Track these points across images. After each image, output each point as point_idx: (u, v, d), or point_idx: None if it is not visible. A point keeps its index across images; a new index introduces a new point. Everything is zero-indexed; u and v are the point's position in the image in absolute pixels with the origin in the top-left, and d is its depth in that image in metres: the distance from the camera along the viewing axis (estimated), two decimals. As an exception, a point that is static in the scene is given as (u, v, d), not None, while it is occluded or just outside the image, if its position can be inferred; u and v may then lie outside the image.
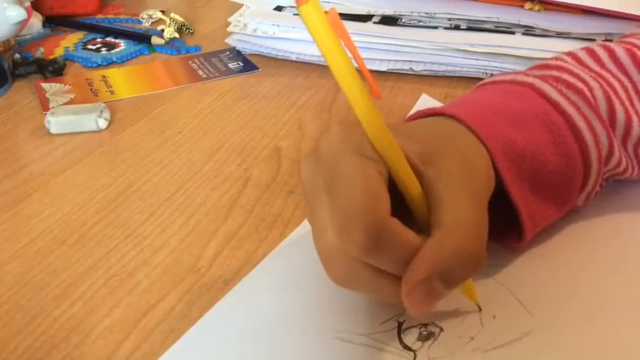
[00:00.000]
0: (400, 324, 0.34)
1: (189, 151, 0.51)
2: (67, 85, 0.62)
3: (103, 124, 0.54)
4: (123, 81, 0.63)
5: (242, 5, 0.68)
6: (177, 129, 0.54)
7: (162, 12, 0.77)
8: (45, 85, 0.62)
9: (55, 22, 0.76)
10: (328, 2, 0.66)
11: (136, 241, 0.41)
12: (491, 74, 0.59)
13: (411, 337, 0.33)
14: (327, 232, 0.29)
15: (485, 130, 0.34)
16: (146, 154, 0.51)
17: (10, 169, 0.49)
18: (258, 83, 0.62)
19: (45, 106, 0.58)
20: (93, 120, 0.54)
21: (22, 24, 0.60)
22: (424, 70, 0.60)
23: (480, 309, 0.34)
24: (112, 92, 0.61)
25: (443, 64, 0.60)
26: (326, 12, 0.26)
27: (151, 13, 0.76)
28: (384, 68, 0.61)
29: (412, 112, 0.50)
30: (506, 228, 0.36)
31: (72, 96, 0.60)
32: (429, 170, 0.31)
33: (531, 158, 0.35)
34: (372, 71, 0.61)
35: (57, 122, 0.53)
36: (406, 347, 0.32)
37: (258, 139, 0.52)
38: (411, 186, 0.30)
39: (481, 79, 0.60)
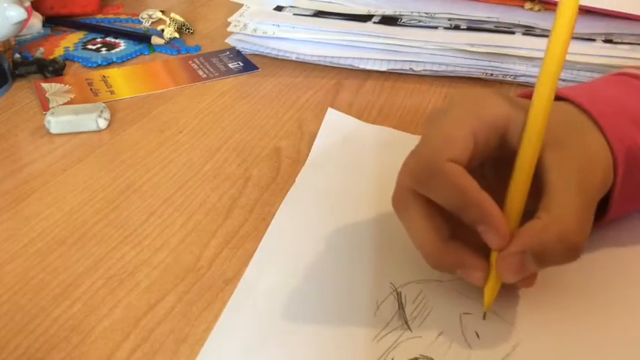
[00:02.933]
0: (399, 294, 0.35)
1: (189, 151, 0.51)
2: (67, 85, 0.62)
3: (103, 124, 0.54)
4: (123, 81, 0.63)
5: (242, 5, 0.68)
6: (177, 129, 0.54)
7: (163, 12, 0.77)
8: (45, 85, 0.62)
9: (55, 22, 0.76)
10: (329, 2, 0.66)
11: (136, 241, 0.41)
12: (491, 74, 0.59)
13: None
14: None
15: (614, 134, 0.34)
16: (146, 154, 0.50)
17: (10, 169, 0.49)
18: (258, 83, 0.62)
19: (45, 106, 0.58)
20: (93, 120, 0.54)
21: (22, 24, 0.61)
22: (424, 70, 0.60)
23: (484, 317, 0.34)
24: (112, 92, 0.61)
25: (443, 64, 0.60)
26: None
27: (150, 13, 0.76)
28: (384, 68, 0.61)
29: (322, 127, 0.51)
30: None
31: (72, 96, 0.60)
32: (548, 155, 0.32)
33: None
34: (371, 71, 0.62)
35: (57, 122, 0.53)
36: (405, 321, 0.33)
37: (258, 139, 0.52)
38: (527, 164, 0.32)
39: (481, 79, 0.60)
